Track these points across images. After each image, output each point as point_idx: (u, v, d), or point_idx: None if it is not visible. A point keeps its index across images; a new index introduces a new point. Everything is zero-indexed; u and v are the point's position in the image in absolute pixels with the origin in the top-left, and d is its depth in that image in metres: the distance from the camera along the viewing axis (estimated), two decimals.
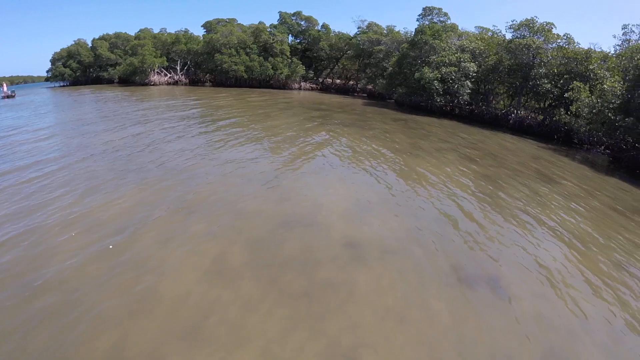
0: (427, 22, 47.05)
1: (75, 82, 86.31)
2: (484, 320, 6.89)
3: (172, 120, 24.09)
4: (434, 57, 38.98)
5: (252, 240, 8.94)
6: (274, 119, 26.95)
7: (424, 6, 49.17)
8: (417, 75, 38.24)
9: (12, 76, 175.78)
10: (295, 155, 16.87)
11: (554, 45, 33.95)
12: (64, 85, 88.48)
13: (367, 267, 8.18)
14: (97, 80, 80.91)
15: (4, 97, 65.02)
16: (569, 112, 29.22)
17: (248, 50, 58.21)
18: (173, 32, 74.41)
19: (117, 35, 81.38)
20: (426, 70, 37.28)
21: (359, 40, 56.54)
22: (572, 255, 9.77)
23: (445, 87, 36.37)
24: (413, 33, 46.42)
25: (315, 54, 63.04)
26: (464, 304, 7.28)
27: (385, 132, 24.83)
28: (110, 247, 8.45)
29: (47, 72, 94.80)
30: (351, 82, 64.02)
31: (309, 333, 6.23)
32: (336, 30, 65.59)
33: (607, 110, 23.89)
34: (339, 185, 13.18)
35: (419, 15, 48.93)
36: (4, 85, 73.77)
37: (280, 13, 65.96)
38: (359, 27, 61.57)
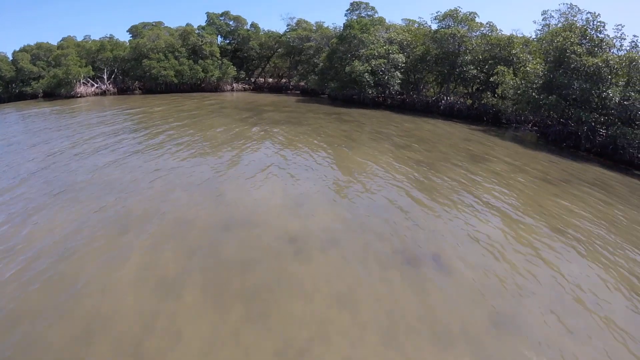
0: (355, 17, 46.71)
1: None
2: (432, 295, 7.00)
3: (103, 134, 21.72)
4: (363, 50, 38.51)
5: (192, 247, 8.48)
6: (208, 123, 25.47)
7: (352, 1, 48.78)
8: (347, 69, 37.74)
9: None
10: (230, 158, 16.21)
11: (477, 33, 35.05)
12: None
13: (311, 259, 8.11)
14: (21, 97, 74.12)
15: None
16: (495, 95, 30.78)
17: (177, 54, 55.06)
18: (98, 39, 69.14)
19: (39, 46, 75.01)
20: (356, 64, 36.80)
21: (288, 38, 55.31)
22: (510, 227, 10.07)
23: (376, 79, 36.31)
24: (342, 28, 45.74)
25: (245, 54, 60.95)
26: (411, 283, 7.34)
27: (319, 127, 24.44)
28: (49, 273, 7.59)
29: None
30: (284, 80, 62.89)
31: (261, 333, 6.00)
32: (265, 29, 63.94)
33: (531, 90, 24.60)
34: (276, 183, 12.89)
35: (347, 10, 48.76)
36: None
37: (208, 14, 62.82)
38: (288, 25, 60.37)
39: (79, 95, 59.19)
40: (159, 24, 68.14)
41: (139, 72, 55.41)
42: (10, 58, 78.16)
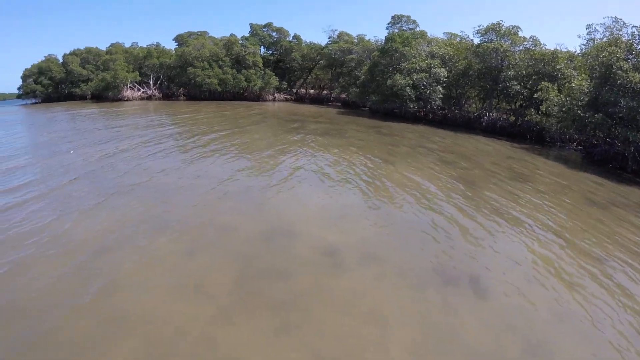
0: (396, 30, 47.14)
1: (47, 99, 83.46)
2: (466, 318, 6.82)
3: (148, 138, 22.94)
4: (405, 64, 38.73)
5: (231, 254, 8.62)
6: (250, 131, 26.20)
7: (393, 14, 49.23)
8: (389, 82, 38.11)
9: None
10: (271, 167, 16.35)
11: (521, 47, 34.56)
12: (35, 103, 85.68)
13: (347, 273, 8.05)
14: (70, 97, 78.34)
15: None
16: (539, 112, 29.85)
17: (221, 63, 57.26)
18: (145, 46, 72.73)
19: (89, 50, 79.12)
20: (398, 77, 37.12)
21: (330, 50, 56.42)
22: (553, 251, 9.73)
23: (418, 93, 36.50)
24: (383, 41, 46.27)
25: (288, 65, 62.54)
26: (446, 304, 7.21)
27: (359, 140, 24.42)
28: (87, 268, 7.92)
29: (18, 89, 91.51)
30: (325, 92, 63.77)
31: (292, 345, 5.99)
32: (307, 41, 65.34)
33: (576, 108, 24.06)
34: (315, 194, 12.85)
35: (388, 23, 49.11)
36: None
37: (252, 25, 65.08)
38: (330, 37, 61.51)
39: (125, 99, 61.83)
40: (204, 34, 71.09)
41: (184, 79, 57.89)
42: (61, 60, 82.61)
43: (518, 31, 34.74)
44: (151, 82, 62.58)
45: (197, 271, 7.83)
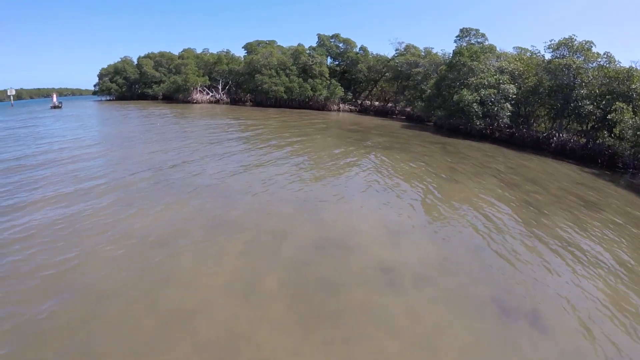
0: (464, 44, 46.95)
1: (121, 97, 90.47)
2: (523, 354, 6.58)
3: (216, 140, 24.87)
4: (472, 79, 38.30)
5: (286, 260, 8.88)
6: (314, 140, 27.34)
7: (461, 27, 49.15)
8: (455, 97, 37.86)
9: (61, 88, 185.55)
10: (332, 178, 16.77)
11: (594, 64, 33.00)
12: (110, 100, 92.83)
13: (401, 293, 7.95)
14: (142, 97, 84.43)
15: (51, 107, 69.26)
16: (612, 135, 28.39)
17: (288, 72, 59.80)
18: (215, 52, 77.39)
19: (162, 54, 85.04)
20: (465, 93, 36.84)
21: (396, 63, 57.00)
22: (617, 289, 9.20)
23: (485, 109, 35.89)
24: (451, 55, 46.26)
25: (353, 76, 63.91)
26: (500, 337, 6.98)
27: (423, 155, 24.45)
28: (147, 259, 8.61)
29: (95, 86, 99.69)
30: (390, 104, 64.02)
31: (338, 359, 6.10)
32: (374, 52, 66.15)
33: None
34: (374, 208, 12.97)
35: (457, 36, 48.98)
36: (54, 95, 78.53)
37: (319, 35, 67.34)
38: (396, 49, 62.07)
39: (194, 101, 65.92)
40: (272, 43, 74.51)
41: (252, 85, 60.94)
42: (135, 62, 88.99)
43: (591, 47, 33.14)
44: (220, 87, 66.64)
45: (250, 273, 8.16)
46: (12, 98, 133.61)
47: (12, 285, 7.46)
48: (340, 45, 66.39)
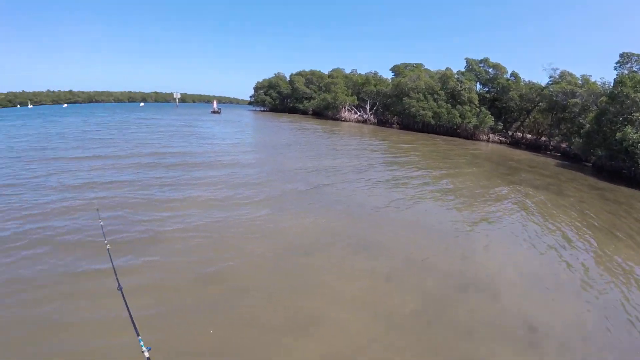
0: (626, 72, 41.57)
1: (274, 109, 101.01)
2: None
3: (364, 160, 26.51)
4: (637, 114, 34.04)
5: (424, 294, 8.67)
6: (462, 171, 27.40)
7: (621, 52, 43.62)
8: (618, 135, 33.35)
9: (220, 96, 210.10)
10: (480, 213, 16.35)
11: None
12: (263, 110, 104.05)
13: (546, 358, 7.20)
14: (293, 110, 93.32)
15: (212, 112, 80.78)
16: None
17: (436, 96, 60.41)
18: (363, 73, 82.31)
19: (313, 73, 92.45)
20: (629, 131, 32.39)
21: (551, 92, 52.80)
22: None
23: None
24: (611, 84, 41.93)
25: (504, 105, 61.04)
26: None
27: (579, 202, 22.44)
28: (290, 264, 9.40)
29: (250, 97, 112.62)
30: (543, 138, 58.86)
31: None
32: (526, 80, 62.77)
33: None
34: (522, 254, 12.21)
35: (616, 63, 43.78)
36: (215, 102, 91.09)
37: (467, 60, 66.18)
38: (550, 77, 57.72)
39: (342, 119, 70.60)
40: (419, 66, 76.06)
41: (399, 108, 63.11)
42: (288, 78, 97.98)
43: None
44: (367, 107, 70.61)
45: (386, 296, 8.28)
46: (177, 100, 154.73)
47: (169, 272, 8.66)
48: (490, 70, 64.24)
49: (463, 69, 66.17)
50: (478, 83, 64.90)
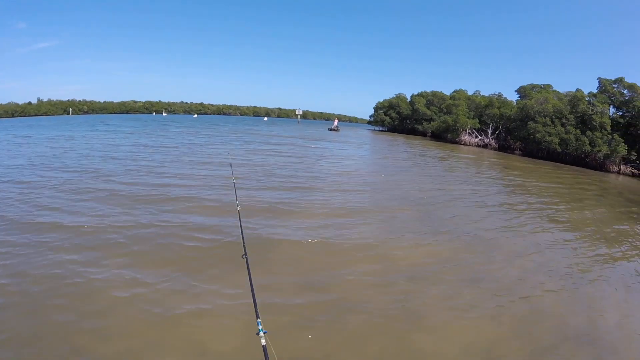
0: None
1: (392, 129, 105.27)
2: None
3: (481, 189, 25.19)
4: None
5: (532, 340, 7.64)
6: (587, 204, 24.98)
7: None
8: None
9: (339, 114, 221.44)
10: (605, 257, 14.02)
11: None
12: (382, 130, 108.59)
13: None
14: (412, 132, 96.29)
15: (329, 129, 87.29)
16: None
17: (564, 121, 57.87)
18: (487, 95, 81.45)
19: (434, 94, 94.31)
20: None
21: None
22: None
23: None
24: None
25: (639, 131, 55.94)
26: None
27: None
28: (397, 288, 9.07)
29: (370, 117, 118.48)
30: None
31: None
32: None
33: None
34: None
35: None
36: (336, 120, 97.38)
37: (600, 80, 62.38)
38: None
39: (462, 143, 71.45)
40: (547, 87, 73.85)
41: (523, 133, 61.48)
42: (409, 99, 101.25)
43: None
44: (489, 131, 70.00)
45: (495, 344, 7.32)
46: (299, 117, 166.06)
47: (277, 274, 9.16)
48: (625, 91, 59.39)
49: (595, 90, 62.24)
50: (611, 106, 60.28)
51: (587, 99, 60.24)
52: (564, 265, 12.18)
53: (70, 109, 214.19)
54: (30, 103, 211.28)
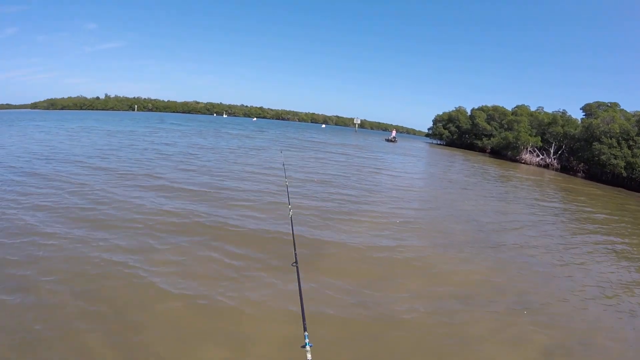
0: None
1: (450, 143, 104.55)
2: None
3: (539, 217, 21.94)
4: None
5: None
6: None
7: None
8: None
9: (397, 125, 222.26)
10: None
11: None
12: (439, 144, 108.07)
13: None
14: (470, 147, 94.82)
15: (386, 140, 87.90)
16: None
17: (631, 143, 54.94)
18: (550, 112, 78.62)
19: (495, 108, 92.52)
20: None
21: None
22: None
23: None
24: None
25: None
26: None
27: None
28: (443, 309, 8.67)
29: (428, 129, 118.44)
30: None
31: None
32: None
33: None
34: None
35: None
36: (394, 131, 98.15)
37: None
38: None
39: (522, 161, 69.56)
40: (615, 106, 70.19)
41: (587, 154, 58.89)
42: (469, 113, 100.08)
43: None
44: (552, 150, 67.26)
45: None
46: (356, 126, 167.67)
47: (323, 283, 9.01)
48: None
49: None
50: None
51: None
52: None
53: (136, 106, 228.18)
54: (98, 98, 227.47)
